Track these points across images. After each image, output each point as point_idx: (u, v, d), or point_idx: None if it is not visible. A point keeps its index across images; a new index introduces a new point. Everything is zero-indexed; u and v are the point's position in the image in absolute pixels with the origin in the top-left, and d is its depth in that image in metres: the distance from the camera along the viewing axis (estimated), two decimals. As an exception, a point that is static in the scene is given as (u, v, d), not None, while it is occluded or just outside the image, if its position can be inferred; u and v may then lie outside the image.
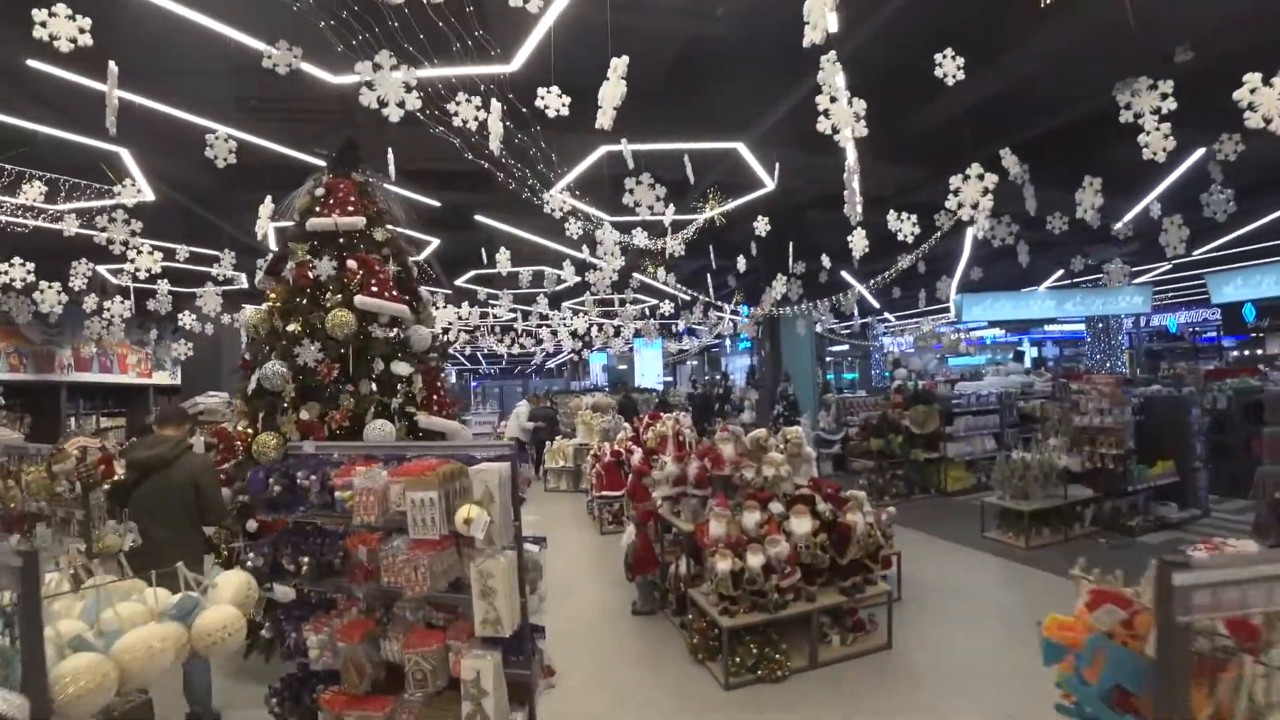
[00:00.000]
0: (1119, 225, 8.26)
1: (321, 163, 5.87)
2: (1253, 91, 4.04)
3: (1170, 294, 24.98)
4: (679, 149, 7.08)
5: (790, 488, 5.65)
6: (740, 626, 4.74)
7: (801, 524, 4.92)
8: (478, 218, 10.14)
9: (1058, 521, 8.56)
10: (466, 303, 14.47)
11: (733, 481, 5.56)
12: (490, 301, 13.95)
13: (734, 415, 20.40)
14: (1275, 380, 11.82)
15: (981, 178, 5.09)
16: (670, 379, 35.78)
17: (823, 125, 4.04)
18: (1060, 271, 19.07)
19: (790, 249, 9.62)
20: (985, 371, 19.04)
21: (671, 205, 6.76)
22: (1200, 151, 8.99)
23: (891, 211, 7.01)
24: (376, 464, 3.12)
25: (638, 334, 23.62)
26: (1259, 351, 26.87)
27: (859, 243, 7.81)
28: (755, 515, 5.06)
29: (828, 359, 33.60)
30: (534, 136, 6.18)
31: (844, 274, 15.21)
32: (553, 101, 4.08)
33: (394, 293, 5.43)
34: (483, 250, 9.52)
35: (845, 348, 34.29)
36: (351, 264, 5.28)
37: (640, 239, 8.03)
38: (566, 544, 9.19)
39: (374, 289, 5.24)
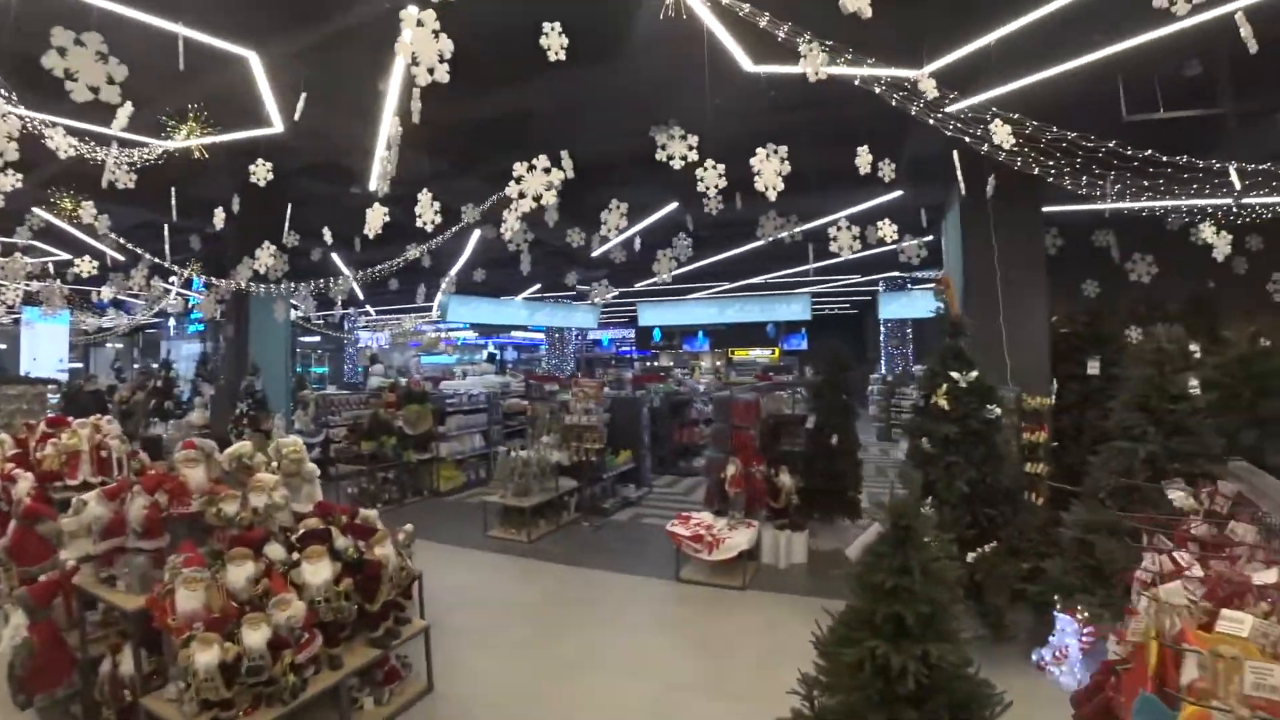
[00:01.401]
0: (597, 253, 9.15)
1: None
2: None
3: (608, 315, 29.88)
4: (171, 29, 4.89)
5: (290, 519, 4.32)
6: (237, 737, 3.28)
7: (318, 571, 3.69)
8: None
9: (551, 513, 8.98)
10: None
11: (205, 520, 3.94)
12: None
13: (178, 414, 16.63)
14: (690, 386, 14.92)
15: (548, 170, 4.69)
16: (80, 364, 27.48)
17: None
18: (537, 285, 20.86)
19: (288, 214, 7.81)
20: (457, 371, 19.66)
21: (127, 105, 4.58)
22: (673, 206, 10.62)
23: (424, 194, 6.19)
24: None
25: (30, 302, 17.25)
26: (656, 363, 34.44)
27: (375, 219, 6.76)
28: (248, 568, 3.61)
29: (297, 350, 30.47)
30: None
31: (336, 257, 13.65)
32: None
33: None
34: None
35: (316, 339, 31.61)
36: None
37: (59, 140, 5.31)
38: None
39: None
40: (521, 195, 4.69)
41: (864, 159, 5.90)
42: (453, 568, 7.37)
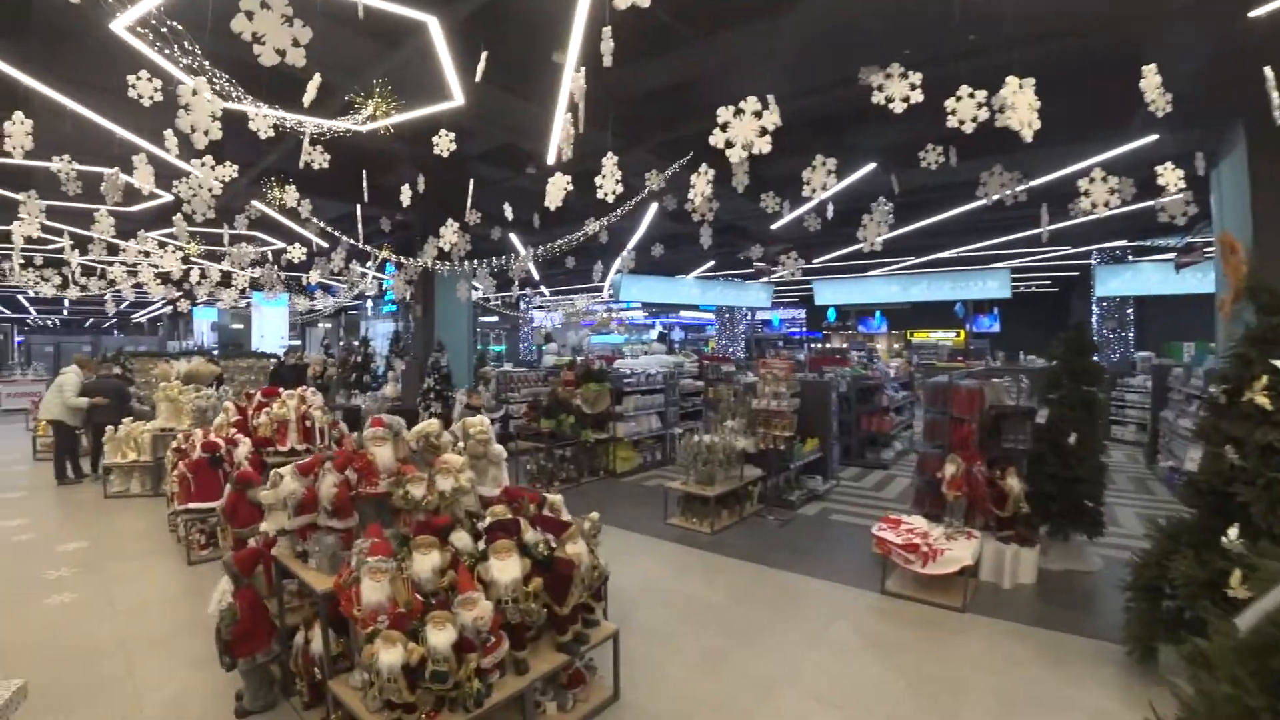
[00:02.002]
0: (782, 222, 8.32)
1: None
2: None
3: (779, 294, 28.68)
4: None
5: (475, 503, 4.00)
6: (418, 739, 2.98)
7: (507, 568, 3.31)
8: None
9: (734, 503, 8.38)
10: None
11: (393, 504, 3.70)
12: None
13: (374, 387, 17.84)
14: (879, 369, 13.66)
15: (759, 114, 4.01)
16: (298, 343, 30.73)
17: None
18: (711, 263, 20.26)
19: (470, 189, 7.75)
20: (626, 351, 19.62)
21: (315, 77, 4.51)
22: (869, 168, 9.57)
23: (610, 159, 5.76)
24: None
25: (255, 287, 19.28)
26: (827, 345, 32.71)
27: (557, 191, 6.46)
28: (433, 558, 3.29)
29: (477, 329, 32.14)
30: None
31: (513, 237, 13.83)
32: None
33: None
34: None
35: (494, 319, 33.14)
36: None
37: (259, 121, 5.41)
38: (129, 583, 6.18)
39: None
40: (729, 145, 4.01)
41: (1150, 80, 4.63)
42: (634, 557, 6.96)
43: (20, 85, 6.62)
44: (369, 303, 28.44)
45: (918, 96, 4.69)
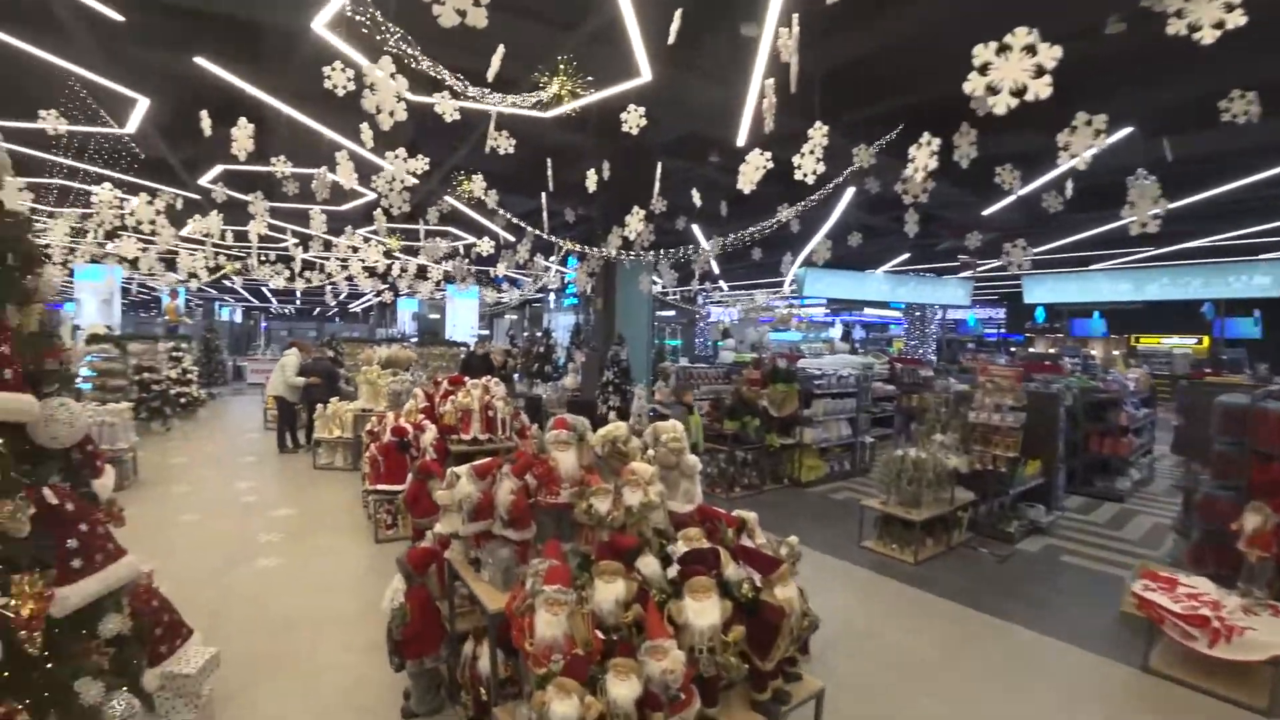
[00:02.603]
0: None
1: None
2: None
3: (979, 290, 26.04)
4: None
5: (664, 521, 3.46)
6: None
7: (704, 612, 2.72)
8: (200, 61, 6.72)
9: (940, 530, 7.29)
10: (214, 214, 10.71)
11: (574, 517, 3.25)
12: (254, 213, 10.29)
13: (554, 377, 18.20)
14: (1117, 380, 11.65)
15: (1032, 50, 3.13)
16: (485, 332, 32.55)
17: None
18: (906, 255, 18.65)
19: (658, 174, 7.32)
20: (804, 349, 18.43)
21: (499, 51, 4.23)
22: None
23: (818, 130, 5.04)
24: None
25: (449, 279, 20.43)
26: (1030, 349, 29.23)
27: (752, 170, 5.83)
28: (618, 588, 2.79)
29: (654, 324, 32.22)
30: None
31: (696, 229, 13.37)
32: None
33: None
34: (204, 118, 6.18)
35: (670, 313, 33.03)
36: None
37: (444, 104, 5.29)
38: (323, 556, 6.43)
39: None
40: (992, 90, 3.14)
41: None
42: (825, 584, 6.15)
43: (245, 95, 7.11)
44: (551, 296, 29.42)
45: (1237, 20, 3.47)
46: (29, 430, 2.99)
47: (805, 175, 6.11)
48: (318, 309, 53.31)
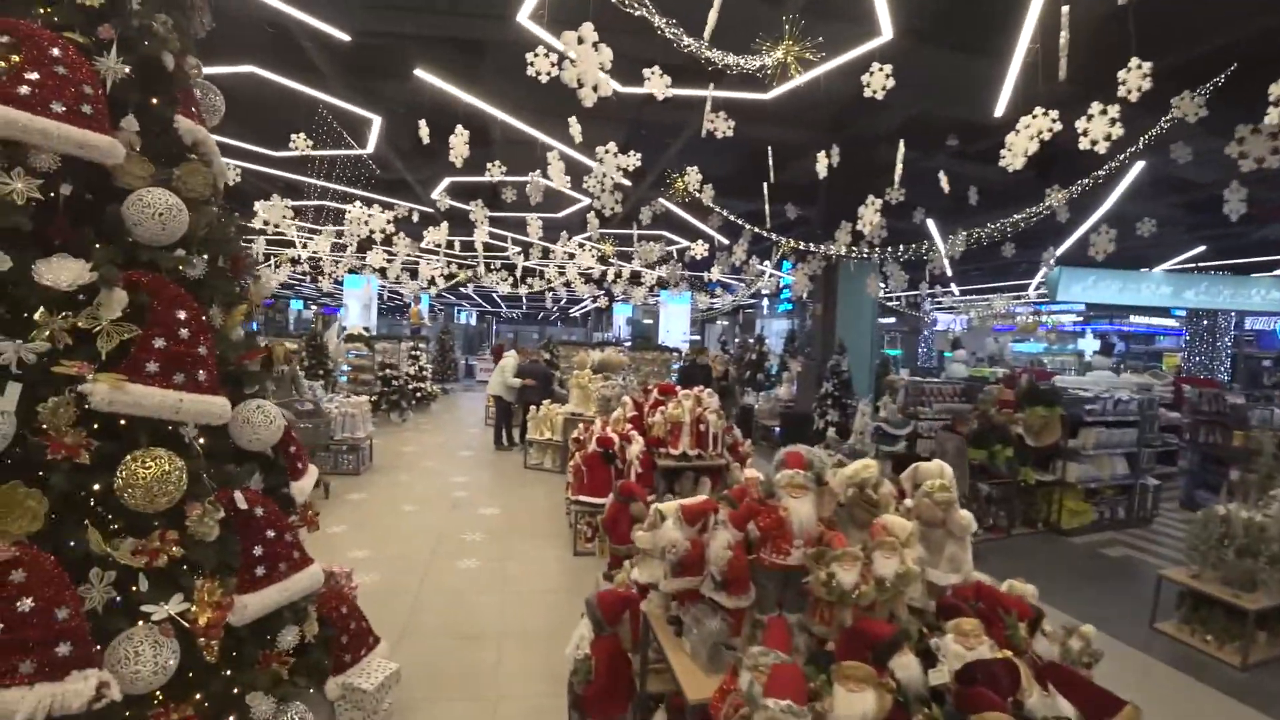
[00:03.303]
0: None
1: None
2: None
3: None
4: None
5: (922, 595, 2.60)
6: None
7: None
8: (420, 73, 6.87)
9: (1275, 622, 5.45)
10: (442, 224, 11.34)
11: (808, 587, 2.49)
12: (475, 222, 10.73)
13: (767, 386, 17.37)
14: None
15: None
16: (697, 338, 32.42)
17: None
18: (1200, 248, 15.40)
19: (899, 155, 6.26)
20: (1049, 365, 15.67)
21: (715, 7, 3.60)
22: None
23: (1134, 71, 3.84)
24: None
25: (662, 285, 20.39)
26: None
27: (1022, 142, 4.75)
28: (866, 703, 1.99)
29: (877, 331, 29.95)
30: None
31: (931, 224, 11.87)
32: None
33: (85, 107, 2.40)
34: (422, 127, 6.27)
35: (891, 320, 30.52)
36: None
37: (656, 82, 4.75)
38: (521, 562, 6.25)
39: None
40: None
41: None
42: (1103, 677, 4.77)
43: (461, 104, 7.20)
44: (765, 301, 28.56)
45: None
46: (230, 431, 2.88)
47: (1095, 143, 4.88)
48: (541, 313, 57.14)
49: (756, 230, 9.96)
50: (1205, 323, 21.85)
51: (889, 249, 9.49)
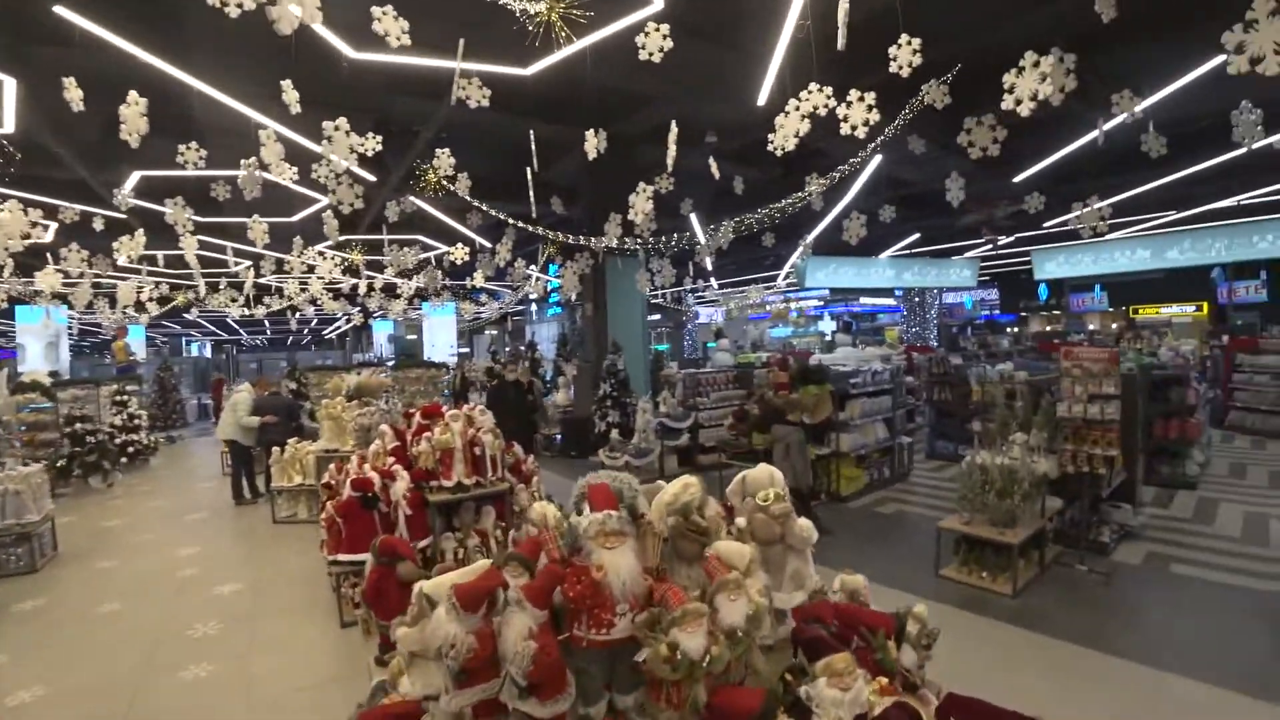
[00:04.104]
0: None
1: None
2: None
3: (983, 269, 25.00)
4: None
5: (770, 628, 2.12)
6: None
7: None
8: (62, 10, 5.18)
9: (1030, 549, 6.00)
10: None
11: (645, 666, 1.87)
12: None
13: (544, 394, 16.78)
14: (1180, 354, 10.45)
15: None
16: (466, 350, 30.95)
17: None
18: (915, 235, 17.49)
19: (673, 137, 5.91)
20: (799, 345, 17.17)
21: None
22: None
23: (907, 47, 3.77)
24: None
25: (422, 296, 18.93)
26: (1047, 328, 28.30)
27: (792, 125, 4.64)
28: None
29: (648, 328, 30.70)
30: None
31: (694, 218, 12.03)
32: None
33: None
34: (69, 88, 4.65)
35: (655, 316, 31.62)
36: None
37: (388, 23, 3.89)
38: (273, 653, 4.95)
39: None
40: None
41: None
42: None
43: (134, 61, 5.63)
44: (534, 307, 27.97)
45: None
46: None
47: (855, 128, 4.91)
48: (289, 338, 51.27)
49: (521, 226, 9.27)
50: (917, 300, 25.29)
51: (661, 239, 9.32)
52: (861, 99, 4.78)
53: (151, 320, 21.24)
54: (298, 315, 18.79)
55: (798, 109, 4.95)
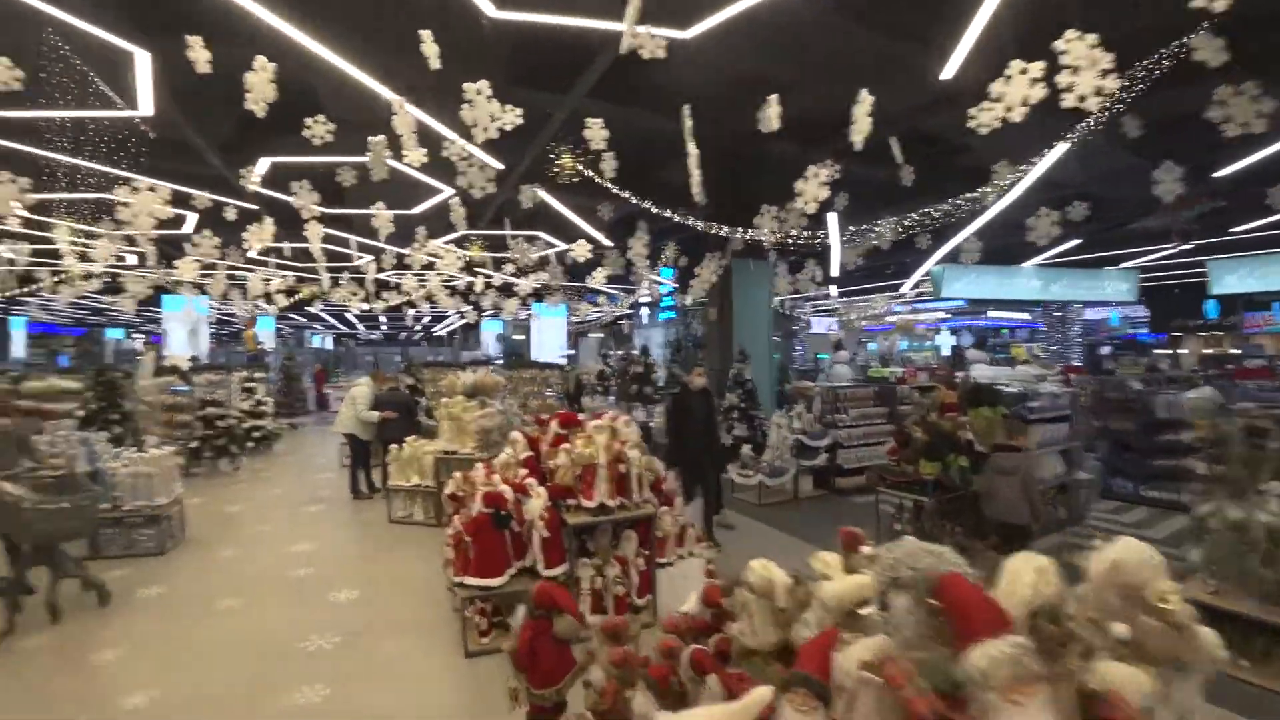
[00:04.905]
0: None
1: None
2: None
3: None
4: None
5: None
6: None
7: None
8: None
9: None
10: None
11: None
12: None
13: (655, 399, 16.13)
14: None
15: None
16: (573, 352, 30.81)
17: None
18: (1075, 242, 15.75)
19: (865, 109, 5.07)
20: (917, 359, 15.67)
21: None
22: None
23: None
24: None
25: (537, 296, 18.70)
26: (1224, 349, 25.26)
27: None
28: None
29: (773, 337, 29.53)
30: None
31: (831, 218, 11.05)
32: None
33: None
34: (195, 48, 4.30)
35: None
36: None
37: None
38: (389, 681, 4.44)
39: None
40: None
41: None
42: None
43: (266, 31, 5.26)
44: (644, 311, 27.48)
45: None
46: None
47: (1082, 99, 3.98)
48: (402, 333, 53.16)
49: (667, 215, 8.55)
50: (1058, 314, 23.05)
51: (805, 235, 8.45)
52: (1024, 72, 3.87)
53: (279, 312, 22.08)
54: (414, 311, 18.96)
55: (1024, 72, 4.04)
